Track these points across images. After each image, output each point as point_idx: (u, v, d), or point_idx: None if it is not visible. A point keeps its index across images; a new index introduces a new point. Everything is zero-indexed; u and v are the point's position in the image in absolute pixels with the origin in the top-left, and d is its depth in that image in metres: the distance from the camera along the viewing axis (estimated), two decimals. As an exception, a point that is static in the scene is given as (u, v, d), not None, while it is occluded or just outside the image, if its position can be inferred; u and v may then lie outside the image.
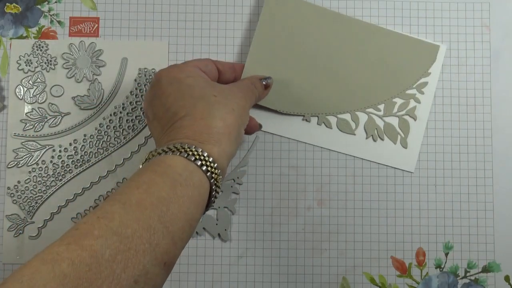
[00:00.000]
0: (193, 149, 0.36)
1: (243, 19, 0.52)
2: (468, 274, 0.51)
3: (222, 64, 0.46)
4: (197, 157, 0.36)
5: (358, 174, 0.51)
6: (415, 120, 0.51)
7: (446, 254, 0.51)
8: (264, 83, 0.47)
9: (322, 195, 0.51)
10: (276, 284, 0.50)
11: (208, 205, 0.38)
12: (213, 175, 0.37)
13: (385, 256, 0.51)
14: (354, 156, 0.51)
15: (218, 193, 0.38)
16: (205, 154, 0.36)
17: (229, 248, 0.50)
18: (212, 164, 0.36)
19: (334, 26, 0.51)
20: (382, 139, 0.51)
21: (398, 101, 0.51)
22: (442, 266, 0.51)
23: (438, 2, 0.52)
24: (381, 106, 0.51)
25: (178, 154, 0.36)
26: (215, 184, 0.37)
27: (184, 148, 0.36)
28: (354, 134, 0.51)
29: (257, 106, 0.50)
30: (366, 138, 0.51)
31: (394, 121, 0.51)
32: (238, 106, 0.40)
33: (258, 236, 0.51)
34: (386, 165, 0.51)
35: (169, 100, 0.39)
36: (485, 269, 0.51)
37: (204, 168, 0.36)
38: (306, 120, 0.51)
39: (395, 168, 0.51)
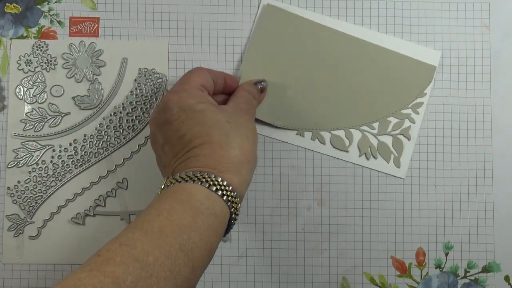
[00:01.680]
0: (213, 178, 0.36)
1: (243, 19, 0.52)
2: (468, 274, 0.51)
3: (215, 74, 0.45)
4: (218, 187, 0.36)
5: (358, 174, 0.51)
6: (409, 140, 0.51)
7: (446, 254, 0.51)
8: (260, 87, 0.47)
9: (322, 195, 0.51)
10: (276, 284, 0.50)
11: (226, 232, 0.38)
12: (233, 204, 0.37)
13: (385, 256, 0.51)
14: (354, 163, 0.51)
15: (235, 220, 0.38)
16: (225, 183, 0.36)
17: (229, 248, 0.50)
18: (232, 194, 0.37)
19: (331, 42, 0.51)
20: (375, 158, 0.51)
21: (393, 120, 0.51)
22: (442, 266, 0.51)
23: (438, 2, 0.52)
24: (376, 125, 0.51)
25: (199, 183, 0.36)
26: (235, 213, 0.37)
27: (205, 178, 0.36)
28: (347, 151, 0.50)
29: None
30: (359, 156, 0.51)
31: (388, 140, 0.51)
32: (250, 131, 0.41)
33: (258, 236, 0.51)
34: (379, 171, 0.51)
35: (183, 127, 0.39)
36: (485, 269, 0.51)
37: (225, 197, 0.36)
38: (300, 135, 0.51)
39: (380, 176, 0.51)
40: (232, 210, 0.37)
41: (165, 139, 0.40)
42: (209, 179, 0.36)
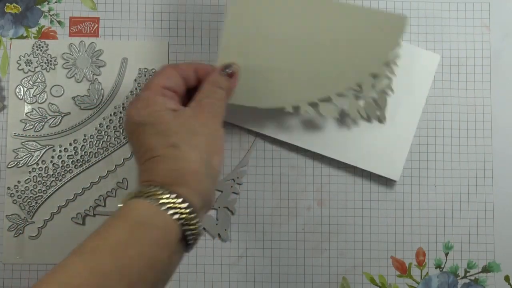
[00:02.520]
0: (158, 192, 0.36)
1: (243, 19, 0.52)
2: (468, 274, 0.51)
3: (183, 69, 0.43)
4: (161, 198, 0.35)
5: (358, 174, 0.51)
6: (392, 92, 0.49)
7: (446, 254, 0.51)
8: (228, 72, 0.44)
9: (322, 195, 0.51)
10: (276, 284, 0.50)
11: (188, 244, 0.37)
12: (182, 215, 0.36)
13: (385, 256, 0.51)
14: (346, 164, 0.51)
15: (195, 231, 0.37)
16: (172, 196, 0.36)
17: (229, 248, 0.50)
18: (180, 205, 0.36)
19: (302, 10, 0.48)
20: (363, 118, 0.49)
21: (372, 80, 0.48)
22: (442, 266, 0.51)
23: (438, 2, 0.52)
24: (359, 85, 0.48)
25: (141, 197, 0.35)
26: (188, 224, 0.36)
27: (147, 192, 0.36)
28: (338, 118, 0.49)
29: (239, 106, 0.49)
30: (341, 122, 0.50)
31: (372, 99, 0.49)
32: (211, 135, 0.39)
33: (258, 236, 0.51)
34: (371, 172, 0.51)
35: (139, 140, 0.39)
36: (485, 269, 0.51)
37: (170, 209, 0.35)
38: (289, 111, 0.48)
39: (380, 176, 0.51)
40: (181, 222, 0.36)
41: (132, 147, 0.41)
42: (150, 192, 0.36)
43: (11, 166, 0.50)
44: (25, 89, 0.51)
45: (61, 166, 0.51)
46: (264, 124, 0.51)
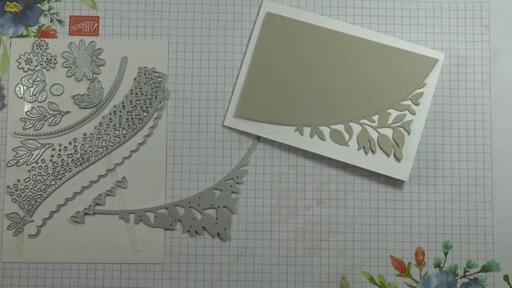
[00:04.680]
0: None
1: (243, 18, 0.52)
2: (467, 273, 0.51)
3: None
4: None
5: (357, 173, 0.51)
6: (408, 134, 0.50)
7: (445, 254, 0.51)
8: None
9: (321, 194, 0.51)
10: (276, 284, 0.50)
11: None
12: None
13: (385, 255, 0.51)
14: (346, 163, 0.51)
15: None
16: None
17: (228, 247, 0.50)
18: None
19: (329, 41, 0.51)
20: (374, 152, 0.50)
21: (393, 112, 0.50)
22: (441, 266, 0.51)
23: (438, 2, 0.53)
24: (376, 118, 0.50)
25: None
26: None
27: None
28: (348, 146, 0.50)
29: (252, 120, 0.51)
30: (358, 149, 0.50)
31: (388, 132, 0.50)
32: None
33: (257, 235, 0.51)
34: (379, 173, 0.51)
35: None
36: (484, 269, 0.51)
37: None
38: (299, 132, 0.50)
39: (379, 175, 0.51)
40: None
41: None
42: None
43: (11, 164, 0.50)
44: (25, 87, 0.51)
45: (61, 165, 0.51)
46: (265, 129, 0.51)
